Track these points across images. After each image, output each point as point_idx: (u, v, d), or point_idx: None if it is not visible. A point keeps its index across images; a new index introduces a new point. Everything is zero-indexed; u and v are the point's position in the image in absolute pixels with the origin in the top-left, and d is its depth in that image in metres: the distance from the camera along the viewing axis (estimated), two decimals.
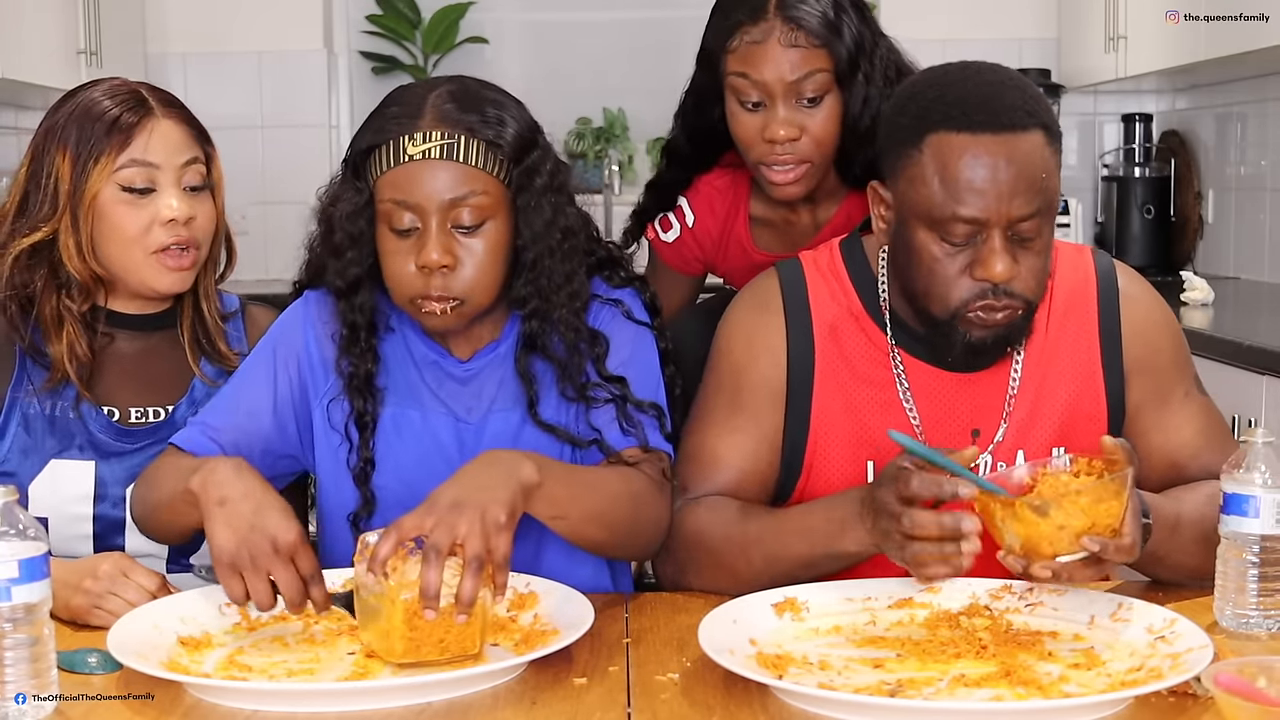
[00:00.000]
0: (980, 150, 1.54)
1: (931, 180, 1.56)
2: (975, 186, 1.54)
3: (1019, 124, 1.55)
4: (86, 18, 4.04)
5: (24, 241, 1.76)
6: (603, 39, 4.98)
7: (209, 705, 1.34)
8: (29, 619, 1.28)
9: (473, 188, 1.61)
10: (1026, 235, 1.57)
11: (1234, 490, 1.48)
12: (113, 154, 1.74)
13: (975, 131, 1.55)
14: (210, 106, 4.68)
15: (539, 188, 1.66)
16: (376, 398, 1.72)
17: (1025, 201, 1.54)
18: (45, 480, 1.76)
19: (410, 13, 4.91)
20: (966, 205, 1.54)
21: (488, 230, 1.63)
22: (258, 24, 4.70)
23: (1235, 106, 4.26)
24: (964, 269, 1.57)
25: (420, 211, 1.61)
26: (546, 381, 1.72)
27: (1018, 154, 1.54)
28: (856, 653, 1.44)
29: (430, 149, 1.60)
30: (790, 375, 1.71)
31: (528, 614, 1.53)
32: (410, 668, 1.39)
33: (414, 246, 1.62)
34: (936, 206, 1.56)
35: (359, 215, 1.66)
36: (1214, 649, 1.33)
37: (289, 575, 1.45)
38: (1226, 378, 2.85)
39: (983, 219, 1.55)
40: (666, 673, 1.40)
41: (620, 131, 4.93)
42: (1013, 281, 1.57)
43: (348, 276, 1.69)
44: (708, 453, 1.72)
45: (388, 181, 1.62)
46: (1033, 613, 1.52)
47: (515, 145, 1.65)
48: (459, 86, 1.68)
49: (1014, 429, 1.69)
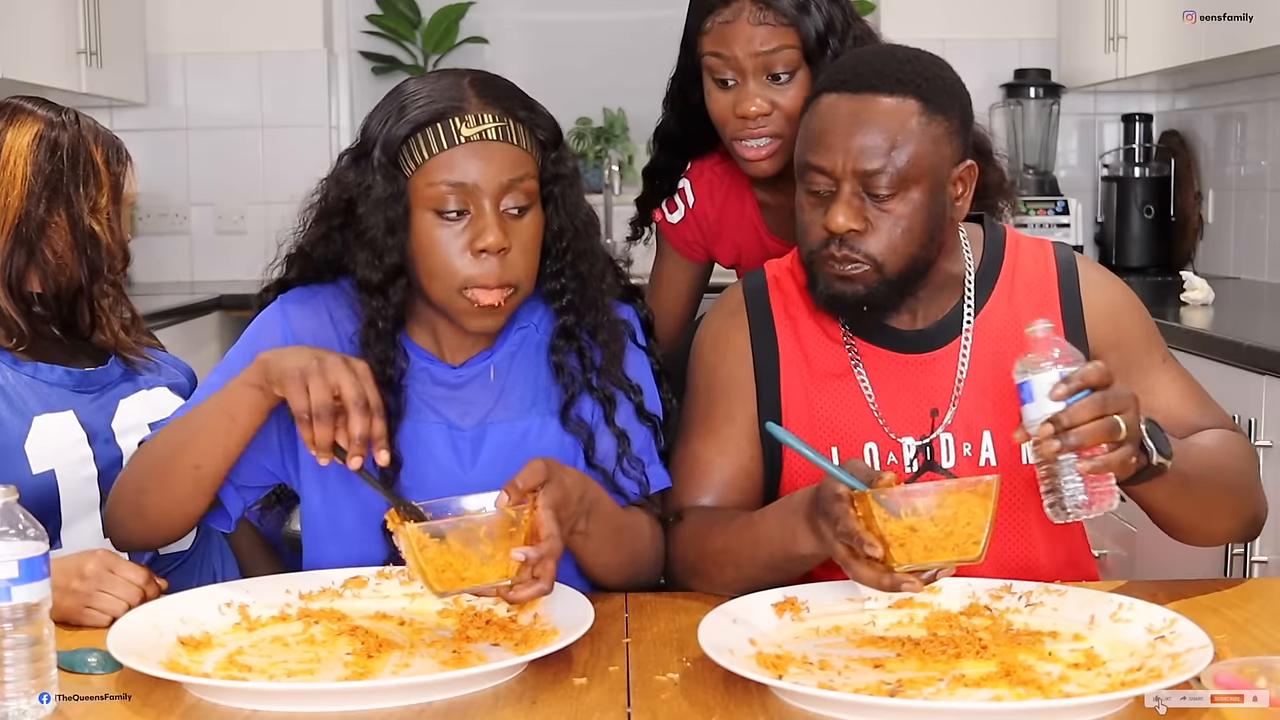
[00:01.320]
0: (836, 106, 1.63)
1: (803, 135, 1.67)
2: (825, 138, 1.62)
3: (883, 88, 1.63)
4: (86, 18, 4.05)
5: None
6: (603, 39, 4.98)
7: (209, 705, 1.34)
8: (29, 619, 1.28)
9: (525, 170, 1.61)
10: (878, 192, 1.61)
11: (1023, 379, 1.46)
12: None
13: (839, 91, 1.64)
14: (210, 106, 4.77)
15: (569, 174, 1.68)
16: (400, 396, 1.67)
17: (871, 157, 1.60)
18: (38, 437, 1.78)
19: (410, 13, 4.91)
20: (815, 154, 1.63)
21: (532, 215, 1.63)
22: (258, 24, 4.71)
23: (1235, 106, 4.26)
24: (819, 219, 1.64)
25: (473, 194, 1.59)
26: (553, 386, 1.70)
27: (871, 112, 1.61)
28: (856, 653, 1.44)
29: (486, 130, 1.59)
30: (758, 370, 1.75)
31: (528, 614, 1.53)
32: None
33: (464, 232, 1.59)
34: (800, 155, 1.66)
35: (396, 202, 1.61)
36: (1214, 649, 1.33)
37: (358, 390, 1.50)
38: (1226, 378, 2.85)
39: (828, 168, 1.62)
40: (666, 673, 1.40)
41: (620, 131, 4.93)
42: (857, 238, 1.62)
43: (385, 266, 1.63)
44: (692, 459, 1.75)
45: (438, 164, 1.59)
46: (1033, 613, 1.52)
47: (551, 133, 1.66)
48: (485, 76, 1.67)
49: (970, 407, 1.70)
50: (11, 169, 1.79)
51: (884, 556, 1.41)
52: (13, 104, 1.83)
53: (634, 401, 1.71)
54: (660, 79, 2.18)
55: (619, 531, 1.64)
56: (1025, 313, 1.70)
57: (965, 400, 1.70)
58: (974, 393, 1.71)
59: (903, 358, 1.72)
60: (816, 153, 1.63)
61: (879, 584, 1.43)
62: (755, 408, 1.74)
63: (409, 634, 1.51)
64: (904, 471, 1.69)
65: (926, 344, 1.72)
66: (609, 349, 1.70)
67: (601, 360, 1.70)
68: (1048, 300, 1.73)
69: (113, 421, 1.84)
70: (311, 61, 4.76)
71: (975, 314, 1.72)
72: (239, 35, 4.69)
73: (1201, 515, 1.64)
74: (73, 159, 1.81)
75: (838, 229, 1.61)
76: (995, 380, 1.70)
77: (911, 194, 1.62)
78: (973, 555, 1.41)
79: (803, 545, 1.53)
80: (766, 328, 1.76)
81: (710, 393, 1.76)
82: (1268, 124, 4.05)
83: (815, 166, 1.63)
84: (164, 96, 4.67)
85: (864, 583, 1.45)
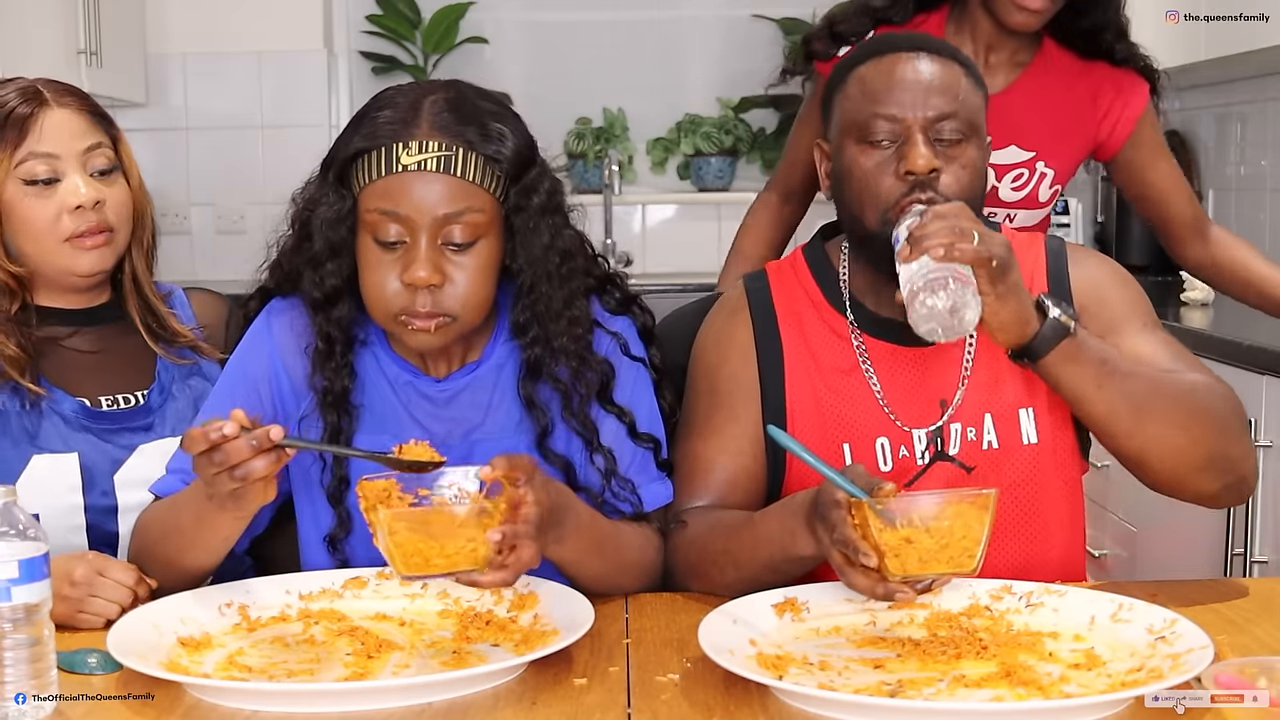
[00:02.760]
0: (897, 60, 1.67)
1: (855, 96, 1.68)
2: (893, 90, 1.65)
3: (936, 49, 1.68)
4: (86, 18, 4.04)
5: None
6: (603, 39, 4.97)
7: (209, 705, 1.34)
8: (29, 619, 1.28)
9: (469, 204, 1.55)
10: (948, 137, 1.64)
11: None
12: (9, 149, 1.74)
13: (892, 51, 1.68)
14: (210, 106, 4.77)
15: (536, 208, 1.60)
16: (352, 414, 1.65)
17: (940, 101, 1.64)
18: (31, 477, 1.74)
19: (410, 13, 4.91)
20: (884, 104, 1.65)
21: (480, 248, 1.57)
22: (258, 24, 4.70)
23: (1235, 106, 4.25)
24: (891, 172, 1.64)
25: (410, 225, 1.54)
26: (551, 410, 1.67)
27: (933, 65, 1.66)
28: (857, 653, 1.44)
29: (426, 160, 1.53)
30: (761, 369, 1.74)
31: (528, 614, 1.53)
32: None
33: (400, 261, 1.55)
34: (859, 111, 1.66)
35: (340, 223, 1.59)
36: (1214, 649, 1.33)
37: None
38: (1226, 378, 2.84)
39: (899, 115, 1.64)
40: (666, 673, 1.40)
41: (620, 131, 4.93)
42: (937, 178, 1.63)
43: (325, 288, 1.61)
44: (694, 458, 1.74)
45: (377, 190, 1.55)
46: (1033, 613, 1.52)
47: (514, 162, 1.58)
48: (456, 94, 1.60)
49: (977, 394, 1.71)
50: None
51: (879, 566, 1.41)
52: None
53: (625, 423, 1.68)
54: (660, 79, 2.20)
55: (600, 542, 1.62)
56: None
57: (970, 388, 1.71)
58: (975, 379, 1.71)
59: (910, 351, 1.72)
60: (882, 102, 1.64)
61: (872, 592, 1.44)
62: (759, 408, 1.73)
63: (409, 634, 1.51)
64: (916, 464, 1.69)
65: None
66: (583, 380, 1.65)
67: (578, 392, 1.65)
68: (1035, 286, 1.72)
69: (119, 471, 1.78)
70: (311, 61, 4.75)
71: None
72: (239, 35, 4.68)
73: (1142, 420, 1.60)
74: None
75: (923, 169, 1.62)
76: (991, 365, 1.71)
77: (971, 144, 1.65)
78: (967, 568, 1.42)
79: (801, 547, 1.53)
80: (770, 326, 1.76)
81: (713, 393, 1.76)
82: (1268, 124, 4.05)
83: (884, 115, 1.64)
84: (164, 96, 4.66)
85: (858, 590, 1.46)
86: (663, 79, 4.98)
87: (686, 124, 4.90)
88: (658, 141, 4.95)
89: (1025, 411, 1.71)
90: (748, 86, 4.91)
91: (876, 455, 1.70)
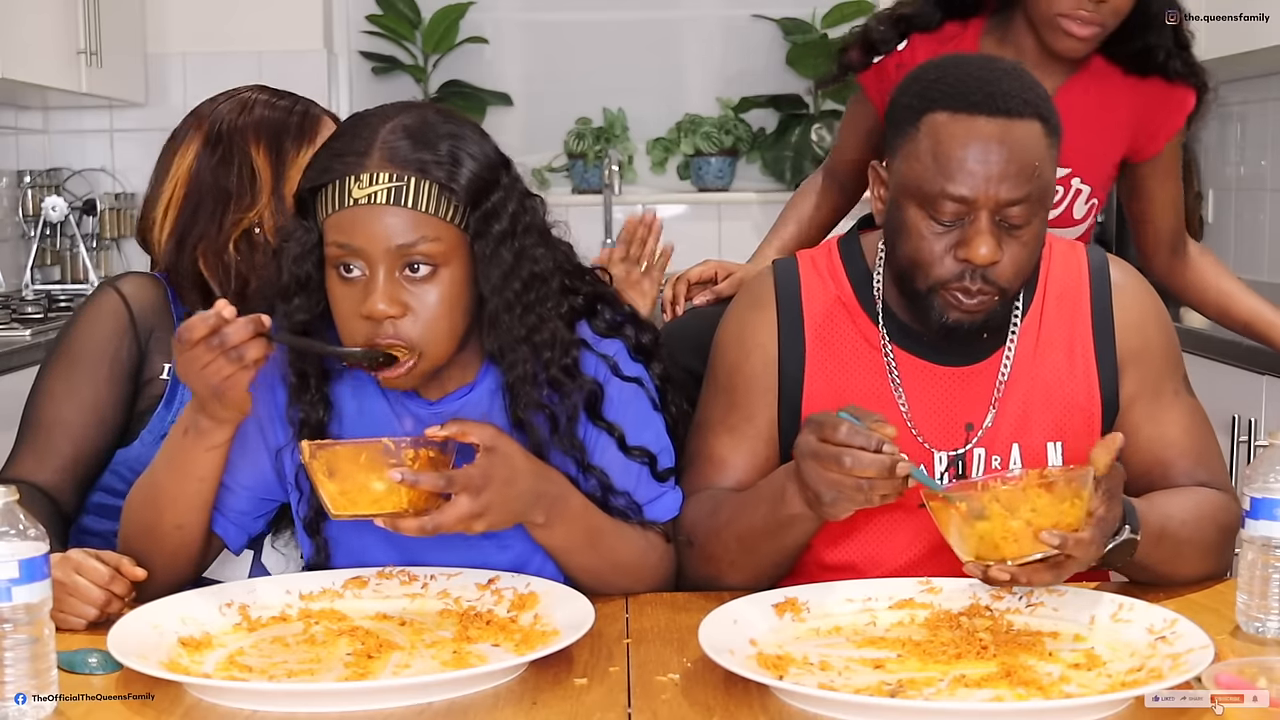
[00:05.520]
0: (974, 131, 1.56)
1: (925, 157, 1.58)
2: (966, 165, 1.56)
3: (1015, 110, 1.57)
4: (86, 18, 4.04)
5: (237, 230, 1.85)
6: (603, 39, 4.97)
7: (209, 705, 1.34)
8: (29, 619, 1.28)
9: (423, 233, 1.51)
10: (1015, 222, 1.58)
11: (1264, 495, 1.47)
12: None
13: (971, 113, 1.57)
14: None
15: (497, 235, 1.55)
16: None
17: (1015, 186, 1.56)
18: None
19: (410, 13, 4.91)
20: (956, 183, 1.56)
21: (441, 278, 1.53)
22: (258, 24, 4.70)
23: (1235, 106, 4.25)
24: (949, 249, 1.59)
25: (365, 257, 1.51)
26: (543, 432, 1.64)
27: (1011, 138, 1.56)
28: (857, 653, 1.44)
29: (375, 192, 1.50)
30: (782, 370, 1.72)
31: (528, 614, 1.53)
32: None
33: (361, 294, 1.52)
34: (927, 182, 1.58)
35: (306, 257, 1.57)
36: (1214, 649, 1.33)
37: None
38: (1226, 378, 2.85)
39: (971, 198, 1.56)
40: (667, 673, 1.40)
41: (620, 131, 4.93)
42: (993, 269, 1.58)
43: (293, 322, 1.58)
44: (707, 453, 1.73)
45: (333, 224, 1.53)
46: (1033, 613, 1.52)
47: (471, 188, 1.54)
48: (416, 120, 1.56)
49: (1006, 421, 1.69)
50: None
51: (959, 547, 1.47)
52: None
53: (614, 438, 1.65)
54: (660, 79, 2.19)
55: (593, 534, 1.61)
56: (1056, 323, 1.70)
57: (1000, 414, 1.69)
58: (1006, 406, 1.69)
59: (942, 370, 1.69)
60: (954, 180, 1.55)
61: (840, 486, 1.45)
62: (776, 410, 1.72)
63: (409, 634, 1.51)
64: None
65: (970, 356, 1.69)
66: (568, 401, 1.62)
67: (563, 413, 1.63)
68: (1079, 309, 1.72)
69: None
70: (311, 61, 4.75)
71: (1021, 322, 1.70)
72: (239, 35, 4.68)
73: (1156, 578, 1.64)
74: None
75: (982, 261, 1.56)
76: (1025, 393, 1.69)
77: (1038, 219, 1.60)
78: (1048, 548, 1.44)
79: (792, 504, 1.53)
80: (795, 326, 1.73)
81: (732, 391, 1.74)
82: (1268, 124, 4.05)
83: (953, 196, 1.56)
84: (164, 96, 4.66)
85: (826, 486, 1.46)
86: (663, 79, 4.98)
87: (686, 124, 4.90)
88: (658, 141, 4.95)
89: (1054, 445, 1.69)
90: (748, 86, 4.91)
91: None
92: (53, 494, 1.80)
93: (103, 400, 1.84)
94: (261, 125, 1.90)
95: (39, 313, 3.60)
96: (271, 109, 1.92)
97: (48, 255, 4.42)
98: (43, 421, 1.83)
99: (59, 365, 1.85)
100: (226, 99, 1.96)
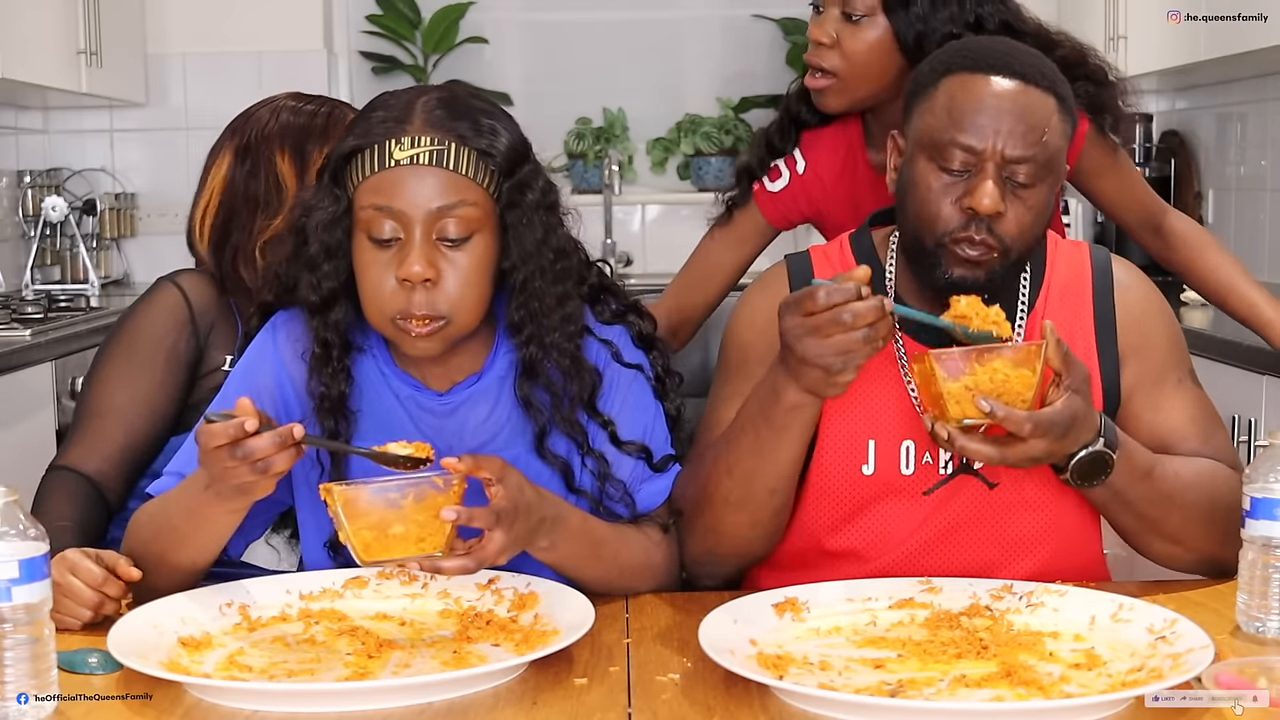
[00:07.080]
0: (988, 86, 1.61)
1: (940, 111, 1.63)
2: (978, 119, 1.60)
3: (1030, 78, 1.62)
4: (86, 18, 4.04)
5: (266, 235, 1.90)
6: (603, 39, 4.98)
7: (209, 705, 1.34)
8: (29, 619, 1.28)
9: (462, 197, 1.55)
10: (1020, 181, 1.61)
11: (1264, 495, 1.47)
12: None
13: (988, 72, 1.62)
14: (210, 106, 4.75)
15: (530, 203, 1.60)
16: (350, 419, 1.65)
17: (1021, 144, 1.59)
18: None
19: (410, 13, 4.91)
20: (966, 133, 1.60)
21: (474, 245, 1.57)
22: (258, 24, 4.70)
23: (1235, 106, 4.25)
24: (955, 200, 1.61)
25: (404, 220, 1.54)
26: (547, 411, 1.66)
27: (1023, 100, 1.61)
28: (857, 653, 1.44)
29: (419, 154, 1.54)
30: None
31: (528, 614, 1.53)
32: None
33: (394, 258, 1.54)
34: (939, 131, 1.62)
35: (336, 225, 1.59)
36: (1215, 649, 1.33)
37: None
38: (1226, 378, 2.85)
39: (979, 149, 1.60)
40: (667, 673, 1.40)
41: (620, 131, 4.93)
42: (997, 221, 1.60)
43: (322, 290, 1.60)
44: (714, 426, 1.73)
45: (370, 187, 1.55)
46: (1033, 613, 1.52)
47: (507, 157, 1.59)
48: (449, 94, 1.62)
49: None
50: None
51: (939, 413, 1.51)
52: None
53: (607, 431, 1.67)
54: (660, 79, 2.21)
55: (596, 546, 1.62)
56: (1059, 317, 1.69)
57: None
58: None
59: None
60: (964, 130, 1.60)
61: (826, 342, 1.49)
62: None
63: (410, 634, 1.51)
64: (939, 473, 1.69)
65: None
66: (574, 383, 1.64)
67: (570, 394, 1.64)
68: (1081, 304, 1.72)
69: None
70: (311, 61, 4.75)
71: (1027, 316, 1.71)
72: (239, 35, 4.68)
73: (1138, 531, 1.65)
74: None
75: (985, 210, 1.59)
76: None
77: (1044, 185, 1.63)
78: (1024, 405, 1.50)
79: (787, 395, 1.55)
80: None
81: (744, 366, 1.74)
82: (1268, 124, 4.05)
83: (961, 144, 1.60)
84: (164, 96, 4.66)
85: (813, 352, 1.50)
86: (663, 79, 4.99)
87: (686, 124, 4.90)
88: (658, 141, 4.95)
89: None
90: (748, 86, 4.91)
91: (900, 457, 1.68)
92: (99, 483, 1.84)
93: (157, 390, 1.88)
94: (286, 132, 1.96)
95: (39, 313, 3.60)
96: (296, 114, 1.97)
97: (48, 255, 4.42)
98: (97, 409, 1.87)
99: (116, 354, 1.90)
100: (260, 107, 2.02)
